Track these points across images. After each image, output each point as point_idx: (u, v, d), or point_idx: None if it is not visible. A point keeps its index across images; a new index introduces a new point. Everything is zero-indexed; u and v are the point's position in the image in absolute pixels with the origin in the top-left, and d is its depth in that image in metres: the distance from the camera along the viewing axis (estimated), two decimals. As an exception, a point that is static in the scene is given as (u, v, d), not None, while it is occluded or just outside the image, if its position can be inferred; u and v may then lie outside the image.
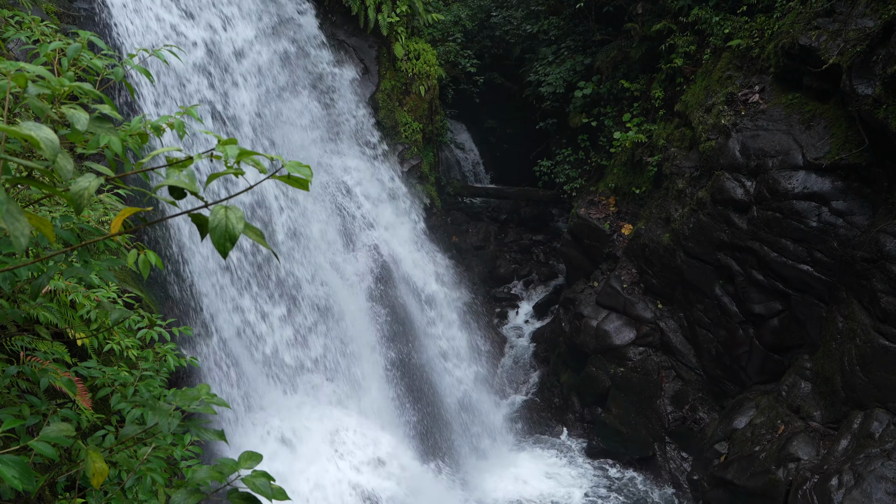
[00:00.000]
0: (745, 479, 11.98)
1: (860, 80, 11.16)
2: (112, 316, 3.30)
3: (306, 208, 12.99)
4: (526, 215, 22.46)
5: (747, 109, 13.55)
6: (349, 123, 14.93)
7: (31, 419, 3.41)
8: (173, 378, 7.62)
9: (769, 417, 12.48)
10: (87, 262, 3.34)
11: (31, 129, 2.02)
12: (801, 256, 12.36)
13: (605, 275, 16.46)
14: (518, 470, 14.95)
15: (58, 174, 2.07)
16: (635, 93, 16.98)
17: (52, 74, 2.64)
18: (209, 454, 8.95)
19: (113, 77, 3.34)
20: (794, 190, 12.36)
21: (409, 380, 14.06)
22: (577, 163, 18.92)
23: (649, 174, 15.96)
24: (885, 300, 10.83)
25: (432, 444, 13.96)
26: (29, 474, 2.22)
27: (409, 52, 16.59)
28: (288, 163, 2.06)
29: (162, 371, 5.07)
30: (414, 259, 15.83)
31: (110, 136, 2.56)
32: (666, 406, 14.66)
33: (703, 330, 14.20)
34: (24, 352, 4.73)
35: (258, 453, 2.67)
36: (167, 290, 9.84)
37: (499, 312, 19.98)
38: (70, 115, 2.33)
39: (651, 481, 14.60)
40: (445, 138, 19.78)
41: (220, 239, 1.99)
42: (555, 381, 17.12)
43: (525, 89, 20.65)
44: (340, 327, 12.84)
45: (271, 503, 2.51)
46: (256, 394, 10.99)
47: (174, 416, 3.13)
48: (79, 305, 5.14)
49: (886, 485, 10.00)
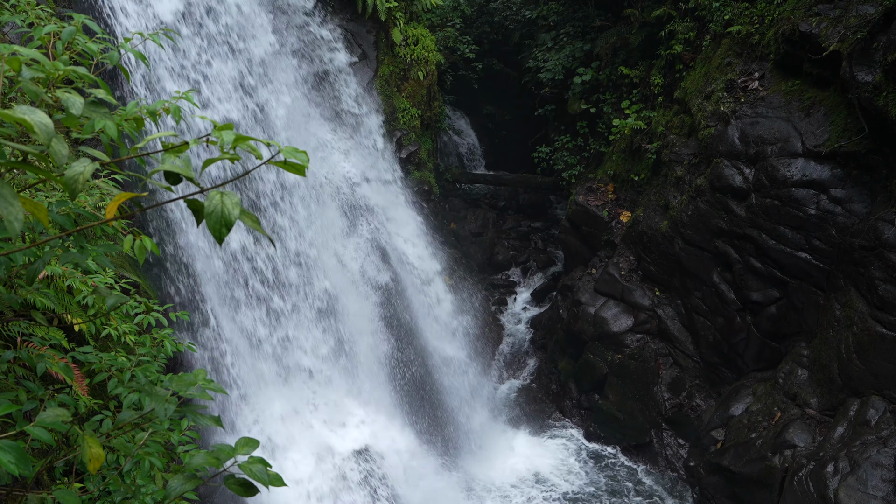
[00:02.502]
0: (741, 465, 12.03)
1: (860, 67, 11.12)
2: (108, 301, 3.29)
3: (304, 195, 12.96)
4: (524, 202, 22.44)
5: (747, 96, 13.51)
6: (347, 108, 14.86)
7: (28, 404, 3.41)
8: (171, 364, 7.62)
9: (766, 404, 12.52)
10: (83, 248, 3.33)
11: (25, 113, 2.00)
12: (799, 244, 12.36)
13: (603, 262, 16.46)
14: (514, 455, 15.01)
15: (52, 159, 2.05)
16: (634, 79, 16.92)
17: (47, 58, 2.62)
18: (206, 439, 8.98)
19: (108, 61, 3.32)
20: (792, 177, 12.34)
21: (406, 364, 14.09)
22: (575, 150, 18.88)
23: (648, 161, 15.93)
24: (883, 288, 10.84)
25: (429, 428, 14.00)
26: (25, 459, 2.22)
27: (407, 38, 16.49)
28: (284, 148, 2.05)
29: (160, 357, 5.07)
30: (412, 245, 15.82)
31: (105, 120, 2.54)
32: (663, 393, 14.70)
33: (700, 317, 14.22)
34: (21, 337, 4.72)
35: (255, 439, 2.67)
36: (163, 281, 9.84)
37: (497, 299, 19.99)
38: (65, 100, 2.32)
39: (647, 467, 14.66)
40: (444, 124, 19.72)
41: (216, 225, 1.98)
42: (552, 367, 17.15)
43: (524, 75, 20.57)
44: (338, 313, 12.84)
45: (268, 489, 2.51)
46: (253, 379, 11.01)
47: (171, 401, 3.13)
48: (76, 291, 5.13)
49: (882, 472, 10.05)
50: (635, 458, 14.96)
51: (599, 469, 14.78)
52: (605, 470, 14.78)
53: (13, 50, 2.42)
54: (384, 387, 13.42)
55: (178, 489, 2.66)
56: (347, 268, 13.63)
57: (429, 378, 14.55)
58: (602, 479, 14.49)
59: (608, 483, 14.35)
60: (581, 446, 15.52)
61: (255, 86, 12.15)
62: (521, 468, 14.71)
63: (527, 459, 14.96)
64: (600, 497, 13.92)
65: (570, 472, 14.65)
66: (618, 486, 14.26)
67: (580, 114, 18.31)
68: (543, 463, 14.92)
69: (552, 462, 14.98)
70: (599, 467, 14.84)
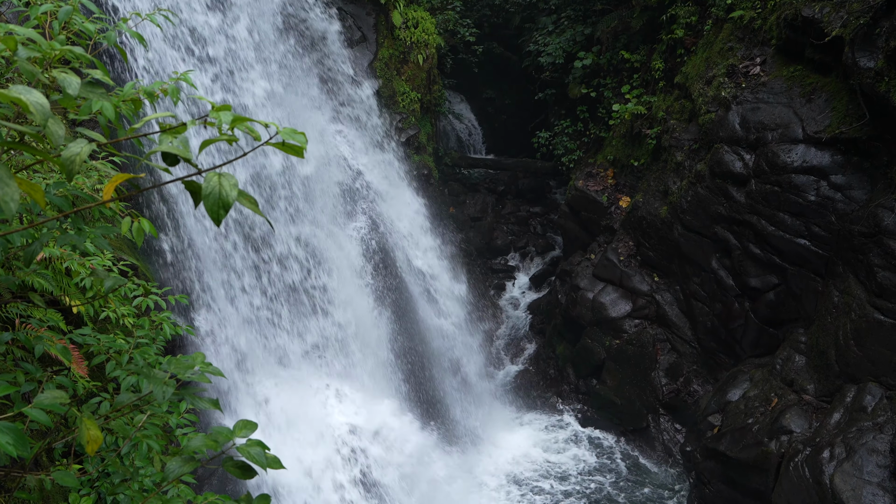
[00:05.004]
0: (737, 450, 12.08)
1: (862, 52, 11.06)
2: (106, 283, 3.28)
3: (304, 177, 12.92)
4: (524, 187, 22.38)
5: (748, 82, 13.45)
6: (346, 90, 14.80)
7: (26, 386, 3.41)
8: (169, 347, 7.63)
9: (763, 390, 12.56)
10: (80, 230, 3.31)
11: (21, 93, 1.98)
12: (798, 230, 12.35)
13: (602, 247, 16.45)
14: (512, 439, 15.09)
15: (49, 139, 2.03)
16: (635, 64, 16.82)
17: (43, 38, 2.59)
18: (205, 422, 9.01)
19: (105, 41, 3.29)
20: (793, 163, 12.31)
21: (405, 346, 14.11)
22: (575, 134, 18.80)
23: (648, 146, 15.88)
24: (882, 275, 10.84)
25: (428, 410, 14.05)
26: (23, 441, 2.22)
27: (407, 21, 16.39)
28: (282, 129, 2.03)
29: (158, 339, 5.07)
30: (411, 229, 15.79)
31: (103, 101, 2.52)
32: (660, 378, 14.75)
33: (698, 303, 14.23)
34: (19, 319, 4.72)
35: (253, 422, 2.67)
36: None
37: (495, 284, 20.00)
38: (61, 80, 2.29)
39: (644, 452, 14.74)
40: (443, 108, 19.63)
41: (214, 206, 1.97)
42: (550, 352, 17.19)
43: (524, 59, 20.45)
44: (336, 296, 12.84)
45: (266, 472, 2.52)
46: (251, 361, 11.03)
47: (169, 384, 3.13)
48: (74, 273, 5.12)
49: (877, 458, 10.10)
50: (632, 442, 15.03)
51: (596, 453, 14.86)
52: (602, 454, 14.85)
53: (9, 29, 2.39)
54: (381, 368, 13.44)
55: (176, 471, 2.67)
56: (344, 249, 13.61)
57: (427, 361, 14.59)
58: (599, 463, 14.57)
59: (605, 467, 14.43)
60: (578, 431, 15.59)
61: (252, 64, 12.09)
62: (519, 452, 14.78)
63: (524, 443, 15.04)
64: (597, 481, 14.00)
65: (567, 456, 14.72)
66: (615, 470, 14.33)
67: (580, 98, 18.22)
68: (540, 446, 14.99)
69: (549, 446, 15.06)
70: (596, 452, 14.92)
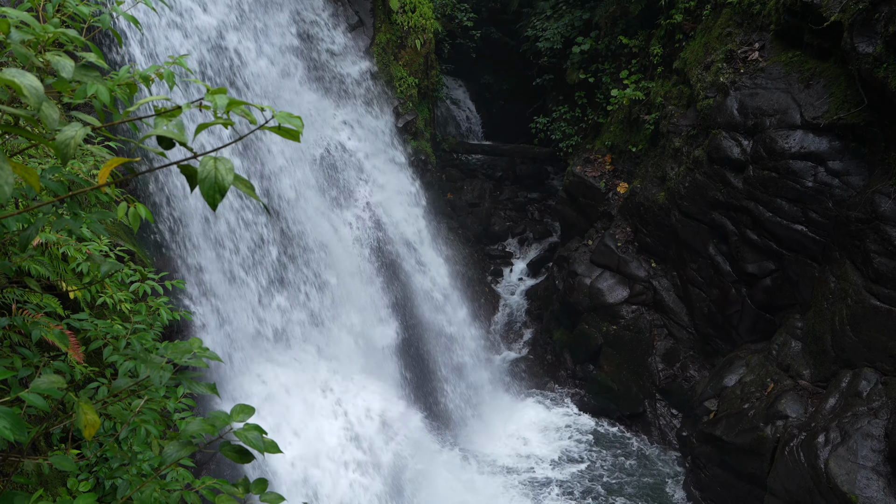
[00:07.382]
0: (733, 435, 12.15)
1: (861, 38, 11.02)
2: (102, 269, 3.28)
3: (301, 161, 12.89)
4: (521, 173, 22.35)
5: (746, 67, 13.40)
6: (343, 76, 14.72)
7: (24, 371, 3.41)
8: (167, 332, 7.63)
9: (759, 375, 12.61)
10: (76, 215, 3.30)
11: (15, 76, 1.97)
12: (795, 216, 12.36)
13: (599, 233, 16.46)
14: (509, 424, 15.15)
15: (43, 123, 2.02)
16: (634, 49, 16.76)
17: (37, 21, 2.57)
18: (203, 406, 9.02)
19: (100, 25, 3.26)
20: (790, 149, 12.29)
21: (402, 334, 14.12)
22: (573, 120, 18.76)
23: (646, 132, 15.85)
24: (878, 261, 10.86)
25: (425, 399, 14.09)
26: (20, 425, 2.23)
27: (404, 5, 16.28)
28: (278, 113, 2.02)
29: (155, 325, 5.06)
30: (407, 215, 15.77)
31: (98, 85, 2.50)
32: (657, 364, 14.80)
33: (695, 289, 14.26)
34: (15, 304, 4.71)
35: (251, 406, 2.67)
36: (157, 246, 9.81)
37: (493, 270, 20.01)
38: (55, 63, 2.27)
39: (641, 437, 14.82)
40: (441, 94, 19.56)
41: (210, 190, 1.96)
42: (547, 338, 17.24)
43: (522, 45, 20.37)
44: (334, 280, 12.83)
45: (263, 456, 2.52)
46: (248, 345, 11.03)
47: (166, 368, 3.13)
48: (70, 258, 5.10)
49: (872, 442, 10.16)
50: (629, 427, 15.11)
51: (593, 438, 14.93)
52: (599, 439, 14.93)
53: (2, 12, 2.37)
54: (378, 354, 13.45)
55: (174, 455, 2.67)
56: (340, 233, 13.59)
57: (424, 347, 14.61)
58: (596, 448, 14.64)
59: (602, 452, 14.50)
60: (575, 416, 15.66)
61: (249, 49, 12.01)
62: (516, 437, 14.84)
63: (521, 428, 15.10)
64: (594, 465, 14.07)
65: (564, 441, 14.79)
66: (611, 454, 14.41)
67: (578, 84, 18.17)
68: (537, 431, 15.05)
69: (547, 431, 15.12)
70: (593, 436, 14.99)
